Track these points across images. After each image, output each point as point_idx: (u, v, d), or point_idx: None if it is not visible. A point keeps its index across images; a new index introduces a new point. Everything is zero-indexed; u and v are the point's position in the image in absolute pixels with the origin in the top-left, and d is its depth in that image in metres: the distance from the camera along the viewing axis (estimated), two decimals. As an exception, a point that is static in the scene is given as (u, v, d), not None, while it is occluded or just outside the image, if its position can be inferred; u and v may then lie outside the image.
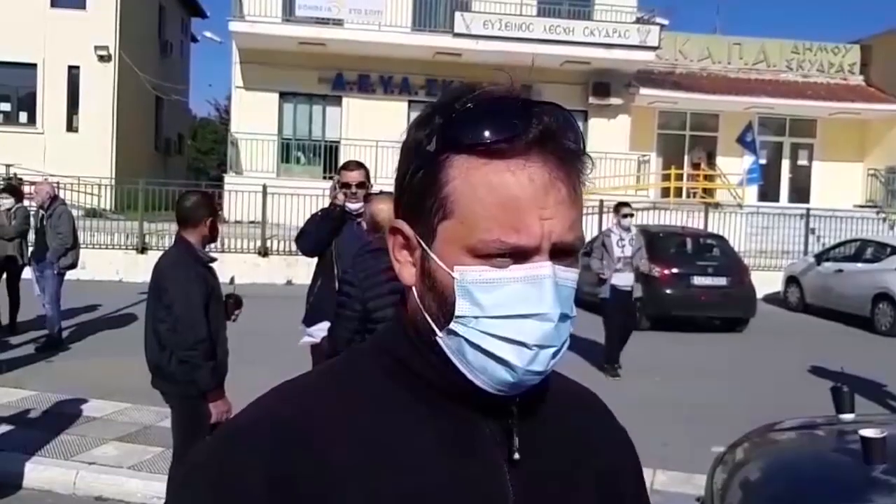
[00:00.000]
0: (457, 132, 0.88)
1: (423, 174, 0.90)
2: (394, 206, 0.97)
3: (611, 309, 9.62)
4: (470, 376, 0.90)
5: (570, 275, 0.90)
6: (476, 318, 0.88)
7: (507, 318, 0.87)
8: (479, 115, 0.88)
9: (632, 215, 9.91)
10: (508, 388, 0.90)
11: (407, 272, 0.95)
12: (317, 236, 5.07)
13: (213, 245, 4.68)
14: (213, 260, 4.50)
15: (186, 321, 4.15)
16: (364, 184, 4.96)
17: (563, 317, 0.89)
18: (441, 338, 0.91)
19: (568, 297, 0.90)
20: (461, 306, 0.88)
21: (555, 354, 0.90)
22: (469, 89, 0.91)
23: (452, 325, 0.89)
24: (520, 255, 0.87)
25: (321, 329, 4.44)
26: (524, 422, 0.95)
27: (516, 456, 0.93)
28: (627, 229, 9.78)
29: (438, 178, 0.89)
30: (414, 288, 0.94)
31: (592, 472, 1.02)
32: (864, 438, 3.13)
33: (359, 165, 5.06)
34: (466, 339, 0.88)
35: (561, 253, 0.89)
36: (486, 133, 0.87)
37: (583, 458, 1.01)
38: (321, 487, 0.87)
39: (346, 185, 4.94)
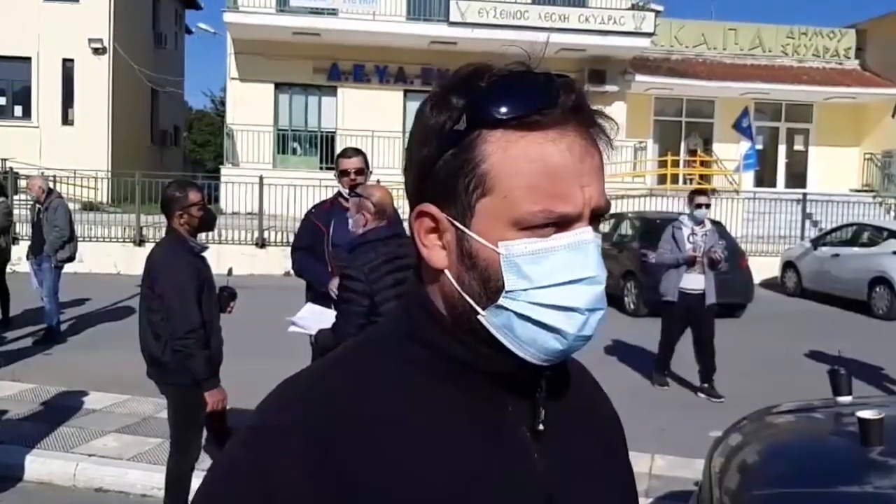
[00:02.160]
0: (489, 107, 0.87)
1: (452, 154, 0.89)
2: (414, 192, 0.95)
3: (674, 316, 8.26)
4: (517, 350, 0.90)
5: (599, 240, 0.92)
6: (525, 290, 0.88)
7: (557, 286, 0.88)
8: (509, 88, 0.88)
9: (706, 206, 8.30)
10: (556, 357, 0.91)
11: (437, 255, 0.93)
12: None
13: (209, 236, 4.66)
14: (205, 249, 4.50)
15: (178, 310, 4.15)
16: (363, 170, 4.87)
17: (604, 281, 0.91)
18: (484, 316, 0.90)
19: (602, 260, 0.92)
20: (509, 280, 0.88)
21: (600, 319, 0.91)
22: (485, 67, 0.91)
23: (501, 301, 0.89)
24: (563, 223, 0.88)
25: (305, 317, 4.37)
26: (551, 395, 0.97)
27: (540, 427, 0.95)
28: (701, 222, 8.24)
29: (472, 157, 0.88)
30: (448, 271, 0.93)
31: (603, 440, 1.07)
32: (861, 420, 3.13)
33: (357, 152, 4.96)
34: (515, 313, 0.88)
35: (595, 218, 0.91)
36: (522, 105, 0.87)
37: (594, 428, 1.06)
38: (364, 483, 0.86)
39: (344, 173, 4.86)
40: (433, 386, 0.92)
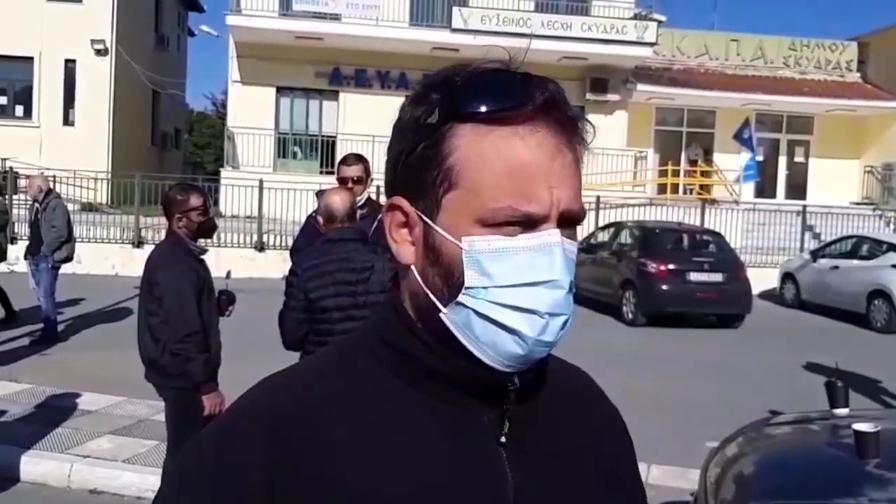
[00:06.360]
0: (461, 101, 0.87)
1: (423, 147, 0.88)
2: (389, 186, 0.94)
3: None
4: (477, 353, 0.88)
5: (573, 247, 0.89)
6: (485, 288, 0.86)
7: (518, 287, 0.85)
8: (483, 84, 0.88)
9: None
10: (517, 363, 0.88)
11: (405, 251, 0.92)
12: None
13: (208, 239, 4.65)
14: (205, 252, 4.48)
15: (178, 313, 4.14)
16: (362, 179, 4.76)
17: (571, 287, 0.88)
18: (446, 314, 0.88)
19: (572, 268, 0.89)
20: (470, 277, 0.86)
21: (563, 326, 0.88)
22: (465, 65, 0.91)
23: (461, 298, 0.87)
24: (529, 223, 0.86)
25: None
26: (522, 406, 0.93)
27: (503, 440, 0.92)
28: None
29: (442, 149, 0.87)
30: (414, 267, 0.91)
31: (592, 455, 1.01)
32: (857, 433, 3.13)
33: (358, 159, 4.83)
34: (475, 311, 0.86)
35: (566, 222, 0.88)
36: (493, 100, 0.86)
37: (582, 441, 1.01)
38: (320, 479, 0.86)
39: (343, 181, 4.73)
40: (401, 389, 0.91)
